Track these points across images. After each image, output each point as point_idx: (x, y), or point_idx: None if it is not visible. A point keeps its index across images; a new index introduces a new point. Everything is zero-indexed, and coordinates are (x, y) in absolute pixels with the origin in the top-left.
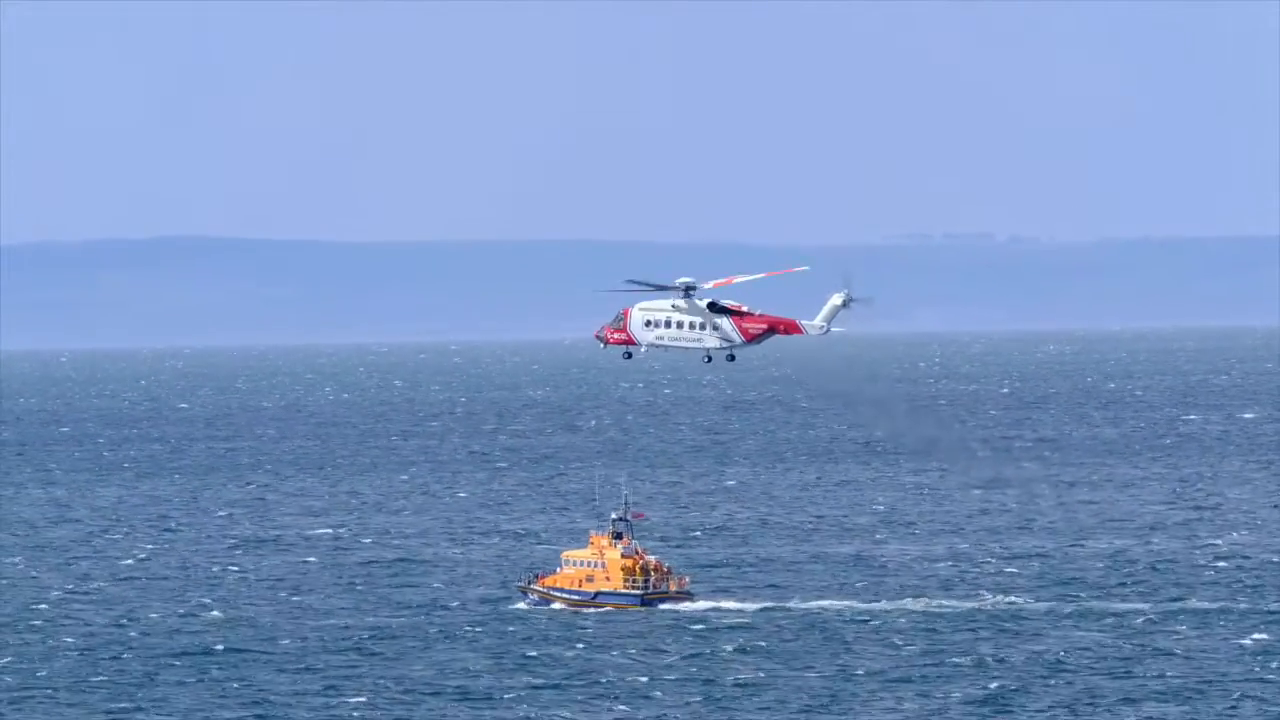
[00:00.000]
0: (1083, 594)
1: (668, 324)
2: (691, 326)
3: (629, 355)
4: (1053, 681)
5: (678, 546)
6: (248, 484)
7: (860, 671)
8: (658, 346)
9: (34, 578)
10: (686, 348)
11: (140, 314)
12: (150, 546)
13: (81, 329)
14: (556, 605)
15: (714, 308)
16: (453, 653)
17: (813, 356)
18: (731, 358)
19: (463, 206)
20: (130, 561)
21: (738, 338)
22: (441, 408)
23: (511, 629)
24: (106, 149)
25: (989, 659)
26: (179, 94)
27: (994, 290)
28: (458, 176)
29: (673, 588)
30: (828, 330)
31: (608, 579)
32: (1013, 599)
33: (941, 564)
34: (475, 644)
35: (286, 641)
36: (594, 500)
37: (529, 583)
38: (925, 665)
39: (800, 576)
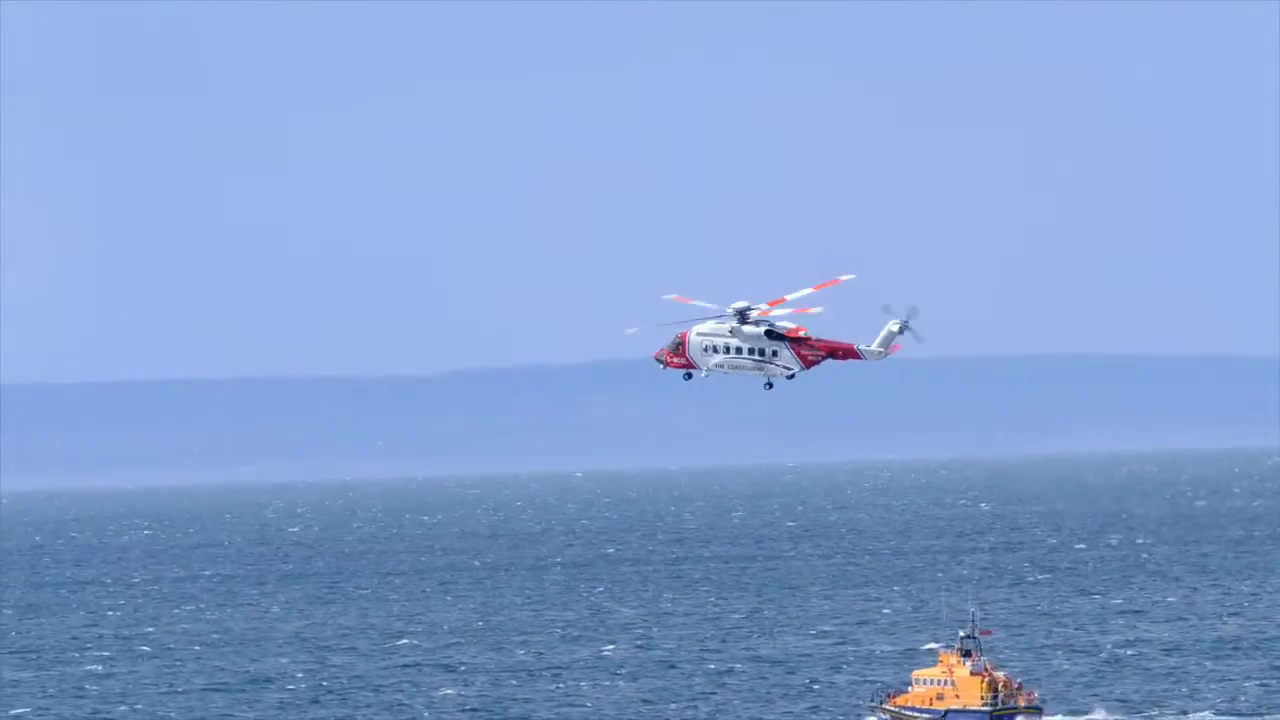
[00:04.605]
0: None
1: (726, 349)
2: (751, 353)
3: (689, 377)
4: None
5: (1036, 664)
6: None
7: None
8: (718, 370)
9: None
10: (747, 373)
11: (626, 433)
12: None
13: (577, 449)
14: None
15: (771, 334)
16: None
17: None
18: (791, 377)
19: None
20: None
21: (797, 365)
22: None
23: None
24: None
25: None
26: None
27: None
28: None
29: (1022, 703)
30: (885, 355)
31: (958, 696)
32: None
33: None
34: None
35: None
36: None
37: (880, 702)
38: None
39: (1157, 688)
